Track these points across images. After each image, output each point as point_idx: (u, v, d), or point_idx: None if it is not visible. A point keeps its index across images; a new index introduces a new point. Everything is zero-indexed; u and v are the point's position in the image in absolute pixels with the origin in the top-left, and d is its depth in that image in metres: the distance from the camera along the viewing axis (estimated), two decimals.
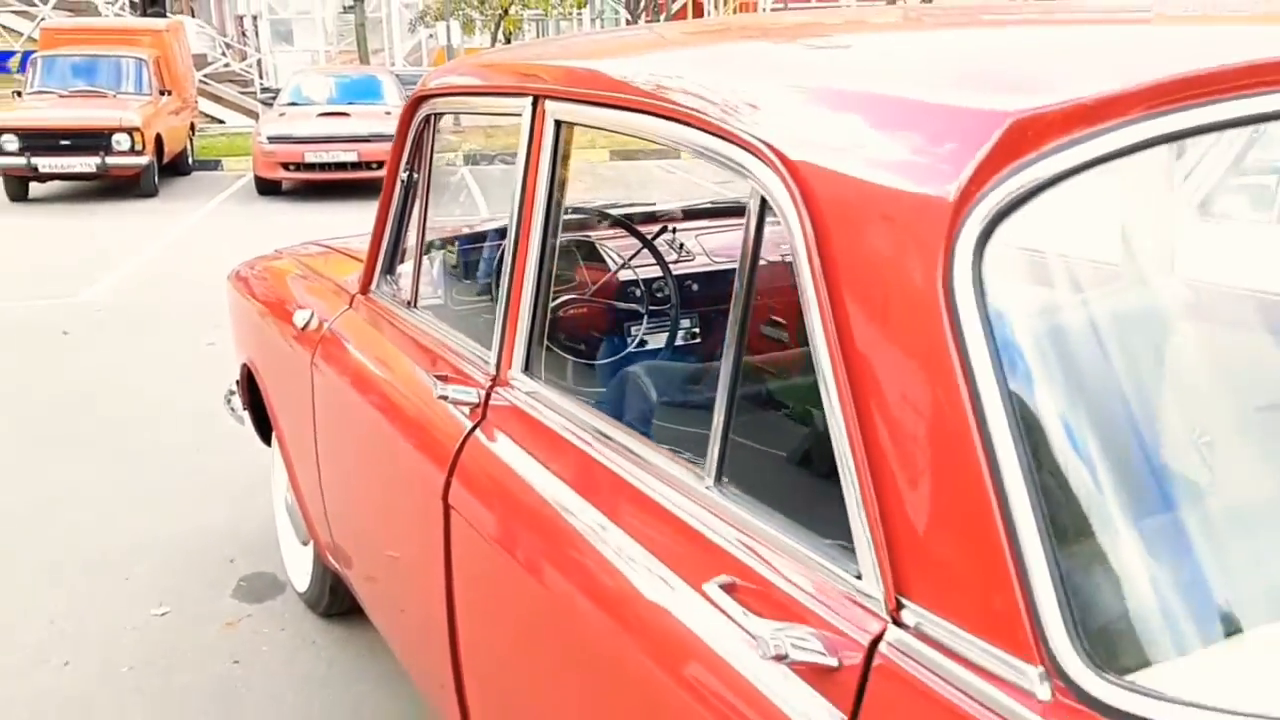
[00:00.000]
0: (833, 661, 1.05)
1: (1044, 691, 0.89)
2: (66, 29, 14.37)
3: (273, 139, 11.65)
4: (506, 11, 25.45)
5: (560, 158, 1.71)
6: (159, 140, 12.07)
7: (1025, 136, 0.99)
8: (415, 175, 2.27)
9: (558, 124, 1.70)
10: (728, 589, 1.17)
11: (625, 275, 2.65)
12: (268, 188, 11.91)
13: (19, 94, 12.56)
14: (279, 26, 34.68)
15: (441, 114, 2.17)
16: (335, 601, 3.14)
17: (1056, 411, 1.00)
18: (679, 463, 1.38)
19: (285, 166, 11.60)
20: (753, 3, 32.51)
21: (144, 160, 11.58)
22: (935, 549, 1.00)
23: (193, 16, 32.76)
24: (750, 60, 1.50)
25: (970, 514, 0.96)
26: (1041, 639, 0.89)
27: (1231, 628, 0.96)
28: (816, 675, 1.06)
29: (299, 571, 3.35)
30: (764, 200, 1.22)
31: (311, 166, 11.61)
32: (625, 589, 1.35)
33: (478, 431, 1.79)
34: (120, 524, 3.95)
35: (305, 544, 3.25)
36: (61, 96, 12.28)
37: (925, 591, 1.01)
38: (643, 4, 25.88)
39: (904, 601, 1.03)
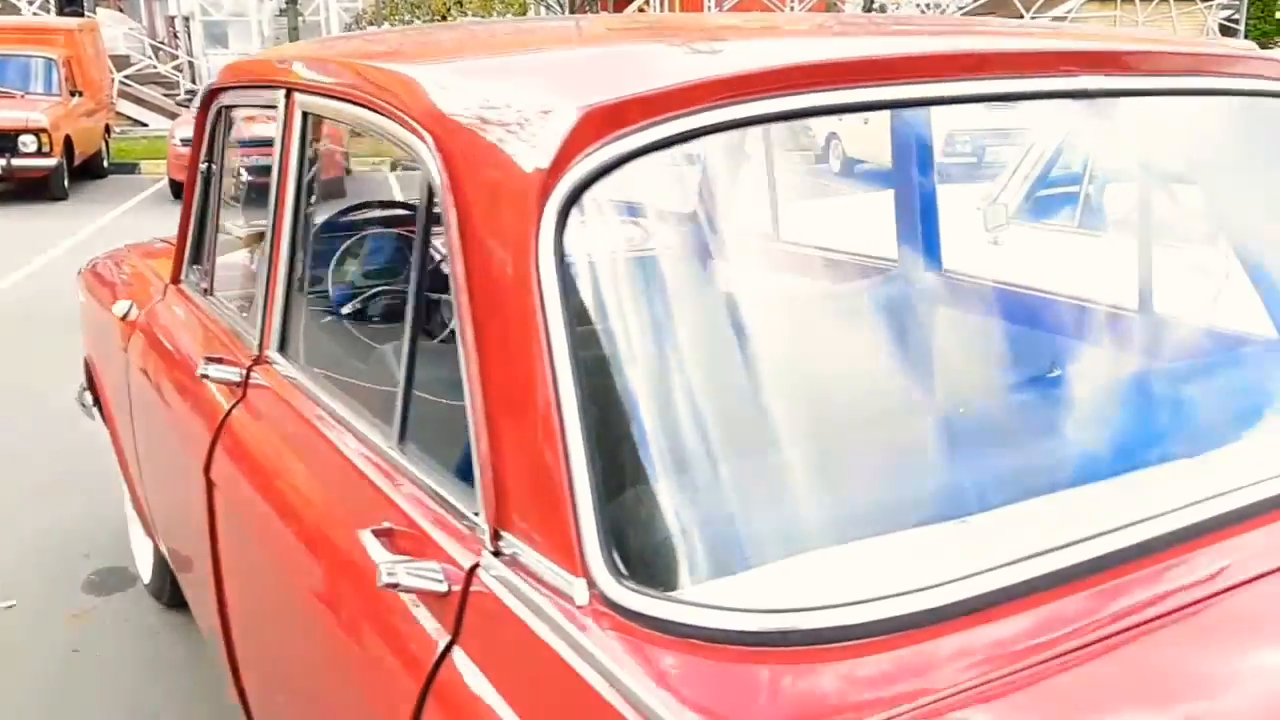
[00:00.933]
0: (441, 588, 1.17)
1: (582, 597, 1.05)
2: None
3: (185, 141, 11.57)
4: (444, 16, 25.44)
5: (309, 146, 1.80)
6: (68, 142, 11.93)
7: (593, 125, 1.14)
8: (213, 167, 2.34)
9: (304, 115, 1.79)
10: (378, 533, 1.28)
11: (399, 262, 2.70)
12: (182, 191, 11.81)
13: None
14: (213, 29, 34.23)
15: (229, 107, 2.25)
16: (177, 591, 3.19)
17: (615, 368, 1.13)
18: (377, 427, 1.49)
19: None
20: (700, 6, 32.85)
21: (52, 162, 11.45)
22: (523, 487, 1.13)
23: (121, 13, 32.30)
24: (440, 51, 1.61)
25: (543, 458, 1.10)
26: (583, 557, 1.06)
27: (725, 555, 1.13)
28: (432, 600, 1.21)
29: (145, 563, 3.40)
30: (427, 183, 1.33)
31: None
32: (322, 540, 1.47)
33: (237, 409, 1.87)
34: None
35: (149, 536, 3.30)
36: None
37: (516, 524, 1.14)
38: (579, 3, 25.99)
39: (501, 533, 1.15)
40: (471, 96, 1.34)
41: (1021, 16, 24.75)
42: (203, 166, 2.37)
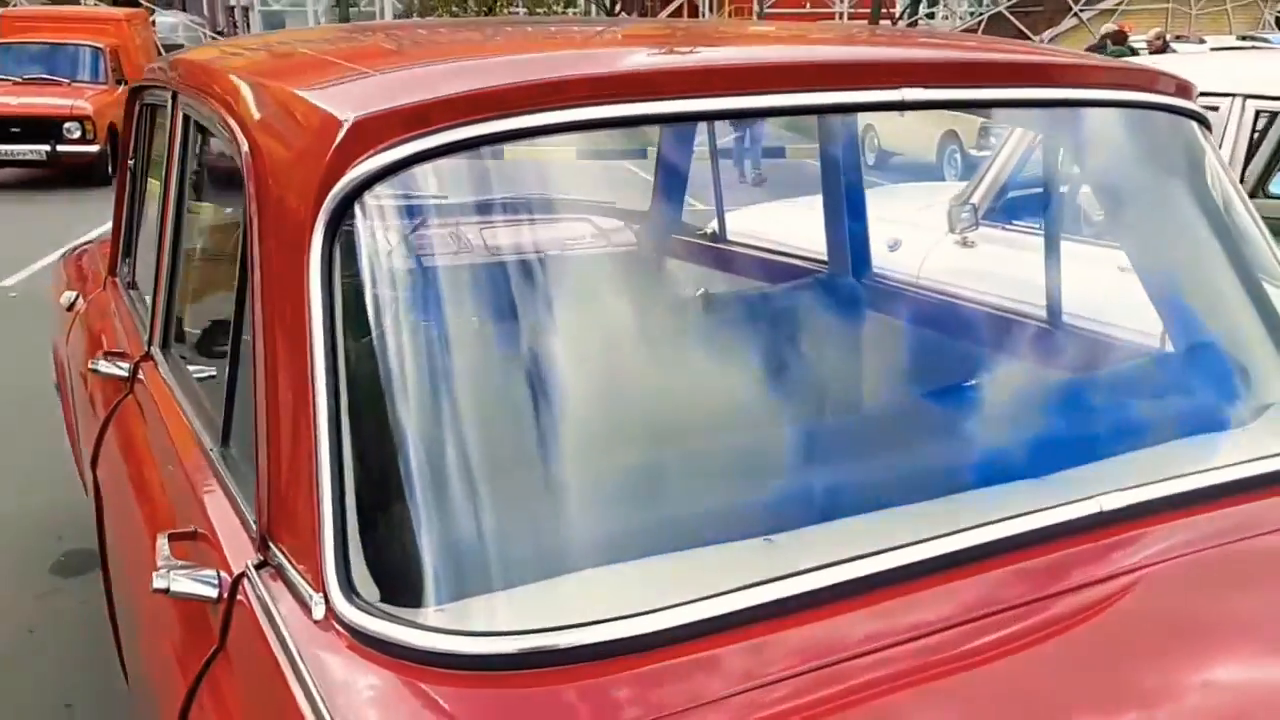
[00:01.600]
0: (212, 594, 1.18)
1: (319, 612, 1.08)
2: (26, 16, 14.51)
3: None
4: (490, 9, 25.58)
5: (191, 146, 1.83)
6: (112, 129, 12.18)
7: (361, 135, 1.17)
8: (137, 162, 2.39)
9: (185, 116, 1.82)
10: (177, 537, 1.31)
11: None
12: None
13: None
14: (270, 18, 34.83)
15: (149, 104, 2.29)
16: None
17: (372, 383, 1.14)
18: (208, 429, 1.51)
19: None
20: (748, 6, 32.70)
21: (95, 149, 11.70)
22: (284, 498, 1.14)
23: (184, 9, 32.95)
24: (322, 54, 1.63)
25: (301, 470, 1.12)
26: (323, 576, 1.08)
27: (459, 579, 1.14)
28: (208, 605, 1.23)
29: None
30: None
31: None
32: (150, 542, 1.49)
33: (121, 405, 1.91)
34: None
35: None
36: (16, 84, 12.40)
37: (282, 535, 1.15)
38: (618, 6, 26.01)
39: (270, 544, 1.17)
40: (295, 104, 1.36)
41: (1070, 8, 24.32)
42: (130, 162, 2.42)
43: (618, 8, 25.98)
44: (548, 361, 1.33)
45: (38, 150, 11.48)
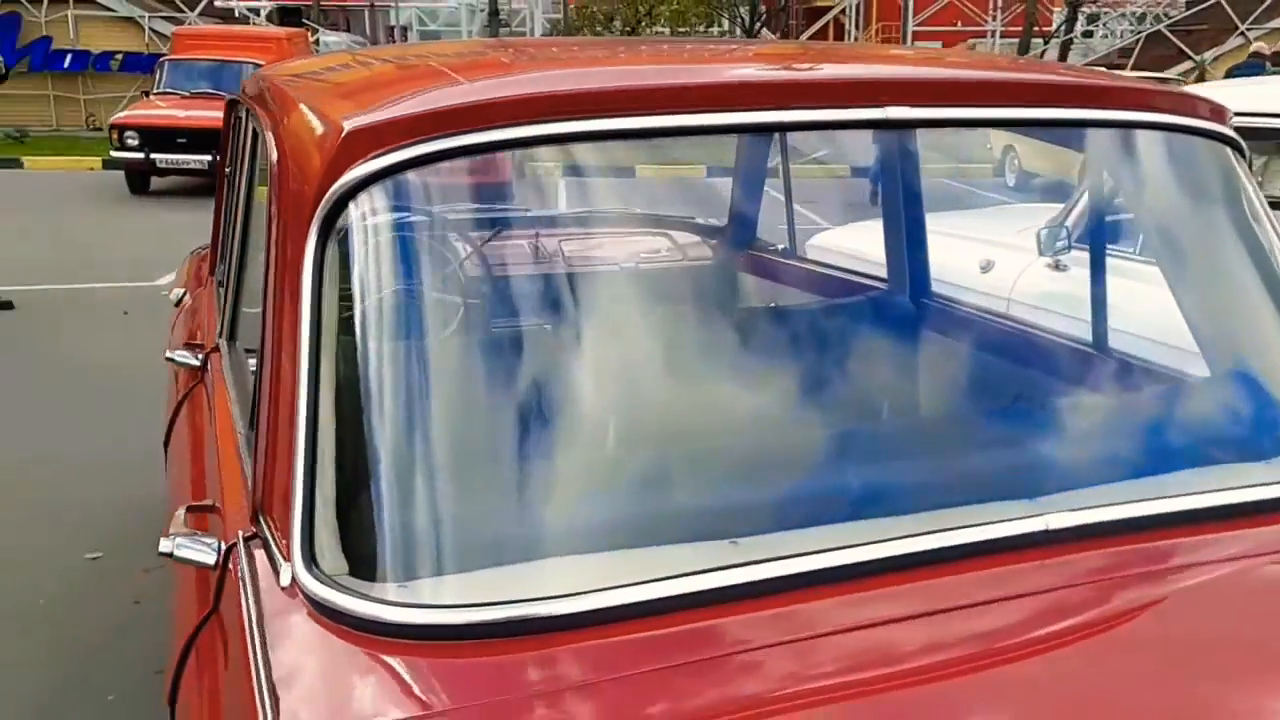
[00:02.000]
0: (210, 561, 1.30)
1: (285, 579, 1.17)
2: (195, 34, 15.45)
3: None
4: (634, 28, 25.95)
5: (255, 156, 1.99)
6: None
7: (356, 143, 1.26)
8: (231, 170, 2.58)
9: (252, 130, 1.97)
10: (194, 509, 1.43)
11: None
12: None
13: (147, 94, 13.58)
14: (428, 37, 36.17)
15: (238, 117, 2.48)
16: None
17: (353, 370, 1.23)
18: (241, 415, 1.64)
19: None
20: (895, 25, 32.32)
21: None
22: (272, 473, 1.25)
23: (348, 29, 34.45)
24: (361, 72, 1.75)
25: (285, 446, 1.22)
26: (291, 548, 1.18)
27: (409, 557, 1.21)
28: (206, 573, 1.35)
29: None
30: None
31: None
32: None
33: (193, 391, 2.08)
34: (95, 479, 4.39)
35: None
36: (183, 98, 13.23)
37: (270, 508, 1.25)
38: (759, 27, 26.00)
39: (260, 516, 1.27)
40: (314, 116, 1.46)
41: (1236, 27, 23.19)
42: (226, 170, 2.61)
43: (758, 27, 26.00)
44: (519, 363, 1.41)
45: (200, 160, 12.22)
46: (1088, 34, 29.92)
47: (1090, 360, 2.06)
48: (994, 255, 3.92)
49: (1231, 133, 1.67)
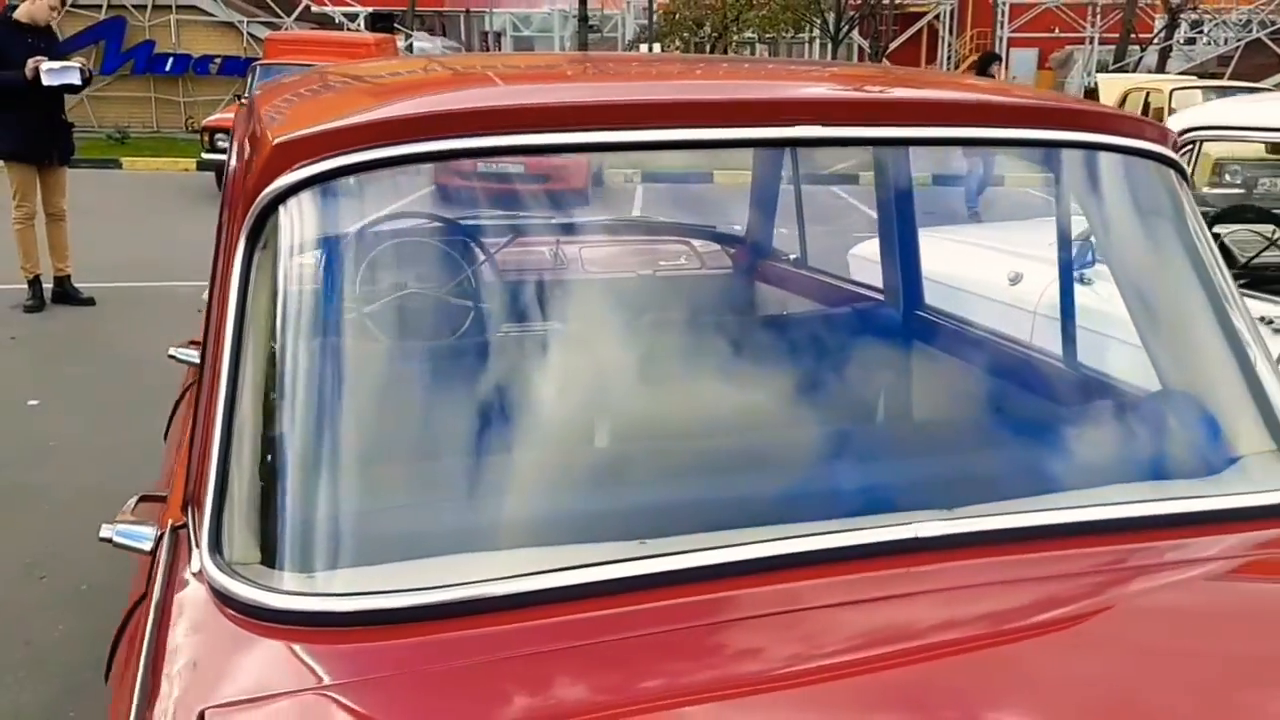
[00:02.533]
0: (145, 548, 1.39)
1: (196, 565, 1.25)
2: (287, 39, 15.93)
3: None
4: (720, 35, 26.00)
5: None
6: None
7: (283, 155, 1.34)
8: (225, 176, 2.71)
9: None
10: (145, 498, 1.53)
11: None
12: None
13: (240, 98, 14.05)
14: (521, 43, 36.74)
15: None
16: None
17: (268, 369, 1.30)
18: None
19: None
20: (989, 31, 31.79)
21: None
22: (197, 464, 1.33)
23: (443, 34, 35.15)
24: (334, 89, 1.84)
25: (208, 453, 1.30)
26: (199, 536, 1.27)
27: (295, 547, 1.27)
28: (143, 559, 1.43)
29: None
30: None
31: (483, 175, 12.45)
32: None
33: (189, 388, 2.20)
34: (138, 467, 4.60)
35: None
36: None
37: (196, 500, 1.34)
38: (845, 32, 25.81)
39: (189, 506, 1.36)
40: (262, 129, 1.53)
41: None
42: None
43: (845, 32, 25.82)
44: (426, 367, 1.47)
45: None
46: (1190, 40, 29.07)
47: (1042, 375, 2.06)
48: (1025, 267, 3.88)
49: (1173, 154, 1.67)
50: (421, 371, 1.45)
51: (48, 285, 7.31)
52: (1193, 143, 3.35)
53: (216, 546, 1.25)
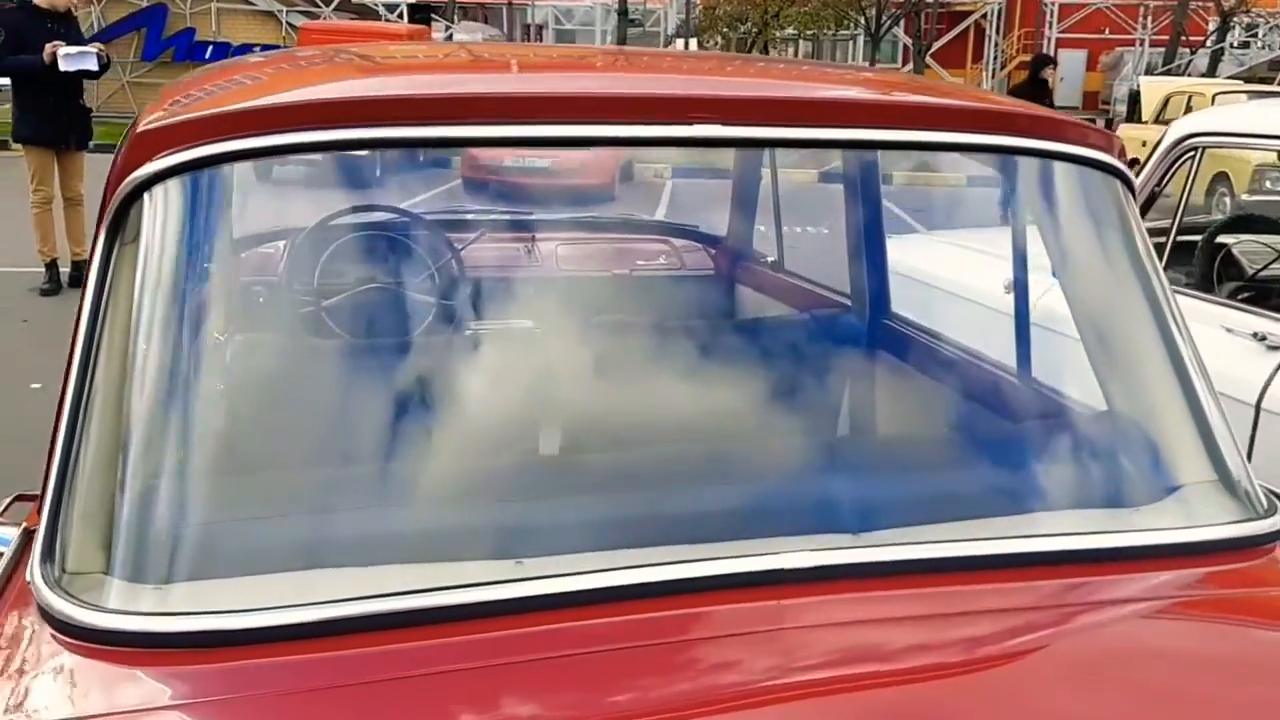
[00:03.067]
0: (3, 549, 1.34)
1: (29, 575, 1.19)
2: (320, 29, 15.99)
3: None
4: (761, 30, 25.85)
5: None
6: None
7: (143, 145, 1.29)
8: None
9: None
10: (23, 497, 1.48)
11: None
12: None
13: None
14: (564, 36, 36.81)
15: None
16: None
17: (111, 374, 1.24)
18: None
19: None
20: (1034, 34, 31.33)
21: None
22: (47, 476, 1.26)
23: (486, 21, 35.28)
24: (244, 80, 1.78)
25: (53, 457, 1.24)
26: (39, 554, 1.20)
27: (115, 560, 1.19)
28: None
29: None
30: None
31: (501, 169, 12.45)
32: None
33: None
34: None
35: None
36: None
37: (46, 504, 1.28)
38: (886, 28, 25.54)
39: (41, 511, 1.30)
40: (155, 117, 1.48)
41: None
42: None
43: (886, 28, 25.56)
44: (298, 370, 1.40)
45: None
46: (1244, 44, 28.51)
47: (992, 392, 1.96)
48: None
49: (1118, 164, 1.56)
50: (287, 375, 1.38)
51: (64, 269, 7.35)
52: (1195, 149, 3.21)
53: (49, 553, 1.19)
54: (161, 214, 1.29)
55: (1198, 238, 3.42)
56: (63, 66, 6.72)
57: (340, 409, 1.36)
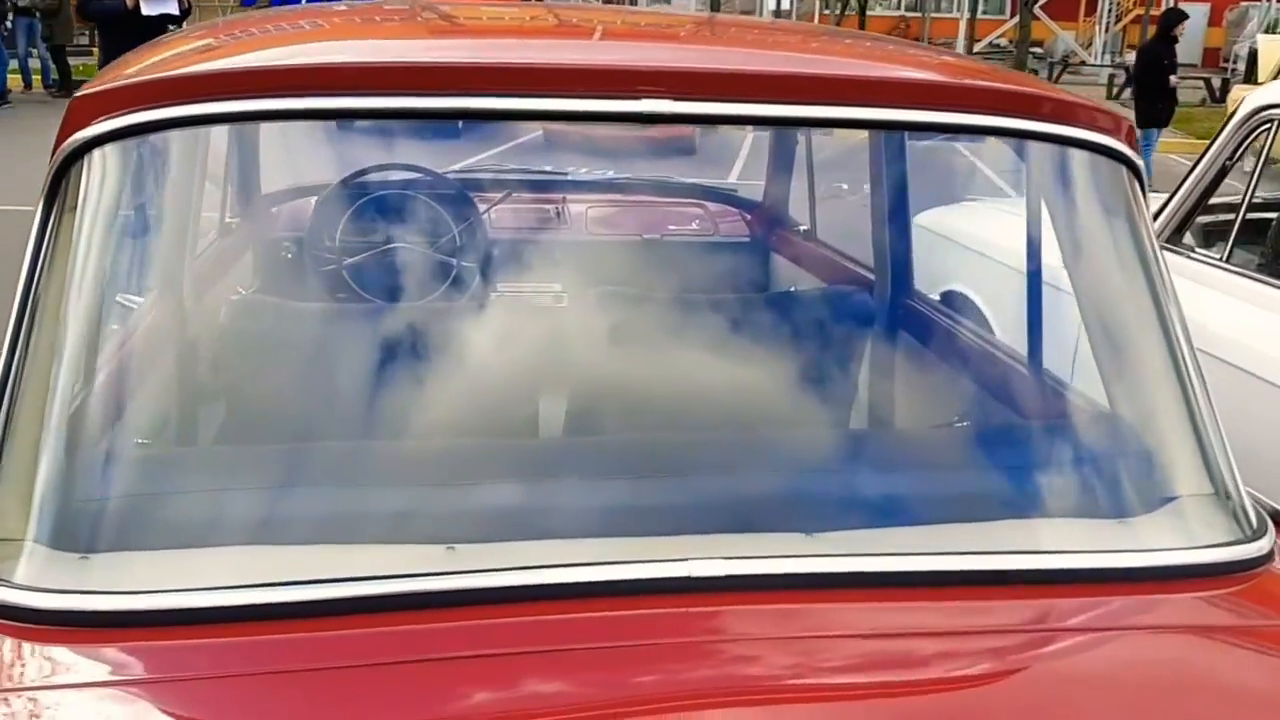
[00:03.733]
0: None
1: None
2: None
3: None
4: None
5: None
6: None
7: (82, 110, 1.26)
8: None
9: None
10: None
11: None
12: None
13: None
14: None
15: None
16: None
17: (43, 345, 1.22)
18: None
19: None
20: None
21: None
22: None
23: None
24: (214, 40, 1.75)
25: None
26: None
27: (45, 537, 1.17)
28: None
29: None
30: None
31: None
32: None
33: None
34: None
35: None
36: None
37: None
38: None
39: None
40: (96, 83, 1.46)
41: None
42: None
43: None
44: (222, 347, 1.37)
45: None
46: None
47: (997, 387, 1.86)
48: None
49: (1124, 149, 1.43)
50: (220, 345, 1.36)
51: None
52: (1270, 121, 2.99)
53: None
54: (98, 179, 1.27)
55: (1272, 215, 3.21)
56: (145, 10, 6.85)
57: (272, 382, 1.34)
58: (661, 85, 1.26)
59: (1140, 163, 1.46)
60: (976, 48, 24.43)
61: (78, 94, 1.30)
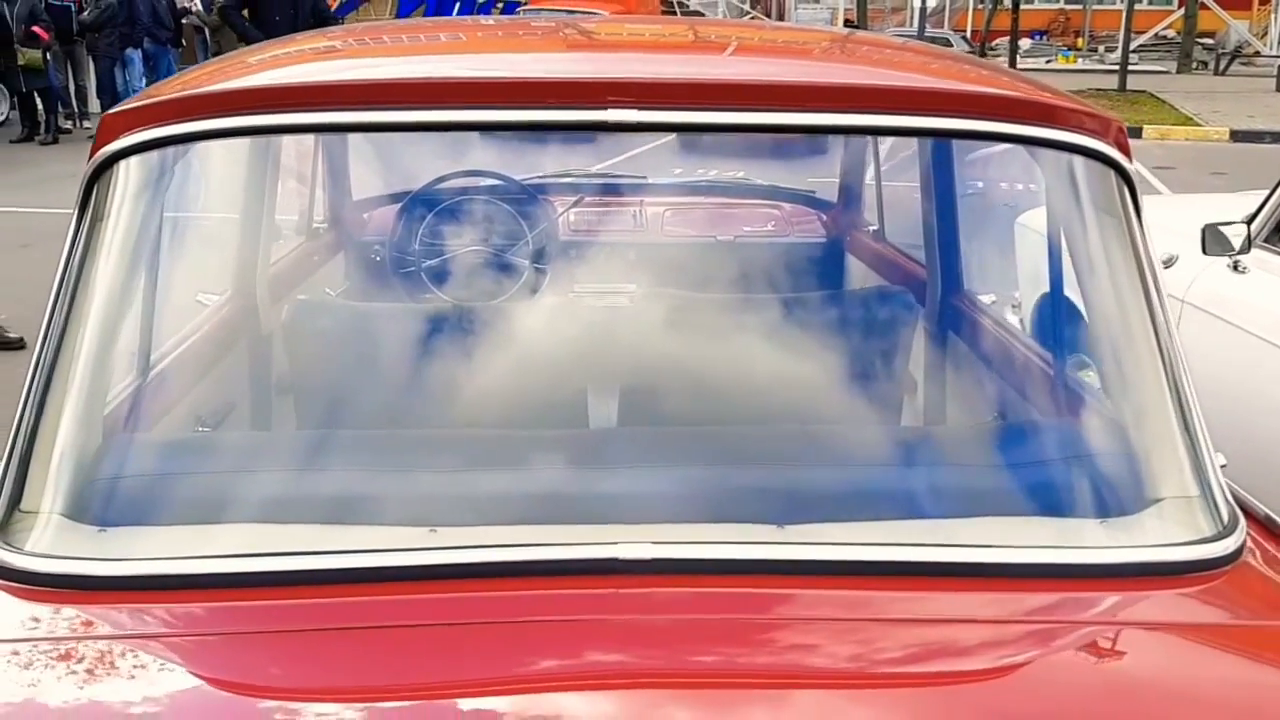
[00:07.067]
0: None
1: None
2: None
3: None
4: None
5: None
6: None
7: (111, 126, 1.39)
8: None
9: None
10: None
11: None
12: None
13: None
14: None
15: None
16: None
17: (72, 333, 1.36)
18: None
19: None
20: None
21: None
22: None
23: None
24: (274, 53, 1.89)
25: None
26: None
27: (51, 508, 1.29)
28: None
29: None
30: None
31: None
32: None
33: None
34: None
35: None
36: None
37: None
38: None
39: None
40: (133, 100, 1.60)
41: None
42: None
43: None
44: (240, 340, 1.48)
45: None
46: None
47: (1023, 386, 1.84)
48: (1181, 249, 3.45)
49: (1112, 152, 1.41)
50: (271, 342, 1.47)
51: None
52: None
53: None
54: (124, 190, 1.41)
55: None
56: None
57: (260, 369, 1.44)
58: (628, 95, 1.32)
59: (1130, 166, 1.44)
60: (1140, 40, 23.29)
61: (110, 111, 1.44)
